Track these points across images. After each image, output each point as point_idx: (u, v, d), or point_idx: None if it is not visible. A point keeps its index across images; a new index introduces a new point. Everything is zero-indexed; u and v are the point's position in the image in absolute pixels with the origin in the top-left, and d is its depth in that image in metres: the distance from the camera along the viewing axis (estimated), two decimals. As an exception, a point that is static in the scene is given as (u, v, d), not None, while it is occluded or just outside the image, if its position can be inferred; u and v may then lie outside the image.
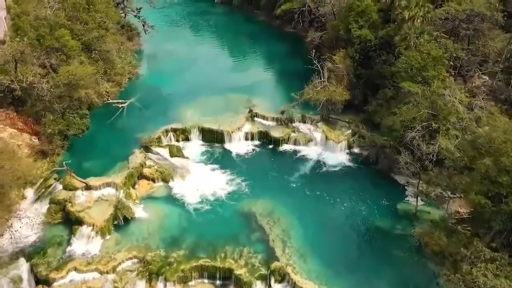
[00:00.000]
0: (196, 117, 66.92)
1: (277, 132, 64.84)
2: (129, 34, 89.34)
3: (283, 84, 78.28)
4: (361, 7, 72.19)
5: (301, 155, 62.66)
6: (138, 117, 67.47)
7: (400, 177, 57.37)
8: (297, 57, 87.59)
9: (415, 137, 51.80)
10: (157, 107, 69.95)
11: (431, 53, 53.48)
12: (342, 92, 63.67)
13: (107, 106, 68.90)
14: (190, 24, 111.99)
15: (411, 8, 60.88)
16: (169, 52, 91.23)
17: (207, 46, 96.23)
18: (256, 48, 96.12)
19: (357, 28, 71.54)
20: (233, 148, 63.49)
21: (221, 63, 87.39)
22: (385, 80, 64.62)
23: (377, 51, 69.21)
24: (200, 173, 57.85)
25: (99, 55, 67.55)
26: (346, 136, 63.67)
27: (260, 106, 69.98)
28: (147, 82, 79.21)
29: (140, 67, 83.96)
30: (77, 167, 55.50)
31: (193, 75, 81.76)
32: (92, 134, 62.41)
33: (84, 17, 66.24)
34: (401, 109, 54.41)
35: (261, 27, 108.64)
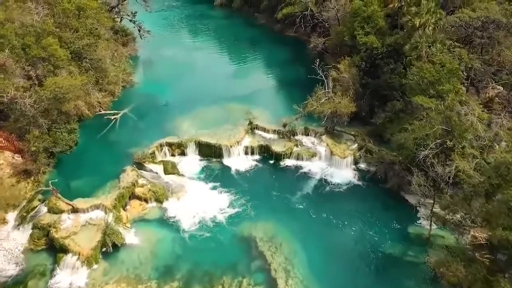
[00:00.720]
0: (193, 130, 62.47)
1: (278, 146, 60.37)
2: (124, 39, 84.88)
3: (285, 93, 73.87)
4: (367, 13, 67.75)
5: (305, 171, 58.21)
6: (132, 129, 63.06)
7: (411, 196, 52.98)
8: (299, 64, 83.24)
9: (428, 155, 47.47)
10: (152, 118, 65.60)
11: (446, 65, 48.91)
12: (348, 104, 59.13)
13: (99, 118, 64.45)
14: (188, 28, 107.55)
15: (422, 15, 56.37)
16: (166, 58, 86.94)
17: (206, 51, 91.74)
18: (257, 53, 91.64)
19: (363, 35, 67.11)
20: (232, 163, 59.04)
21: (220, 70, 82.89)
22: (393, 90, 60.26)
23: (385, 59, 64.69)
24: (197, 192, 53.42)
25: (90, 63, 63.01)
26: (352, 150, 59.20)
27: (260, 118, 65.52)
28: (142, 90, 74.77)
29: (135, 74, 79.52)
30: (64, 186, 51.14)
31: (191, 82, 77.45)
32: (81, 149, 57.96)
33: (74, 24, 61.68)
34: (413, 124, 49.82)
35: (261, 31, 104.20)
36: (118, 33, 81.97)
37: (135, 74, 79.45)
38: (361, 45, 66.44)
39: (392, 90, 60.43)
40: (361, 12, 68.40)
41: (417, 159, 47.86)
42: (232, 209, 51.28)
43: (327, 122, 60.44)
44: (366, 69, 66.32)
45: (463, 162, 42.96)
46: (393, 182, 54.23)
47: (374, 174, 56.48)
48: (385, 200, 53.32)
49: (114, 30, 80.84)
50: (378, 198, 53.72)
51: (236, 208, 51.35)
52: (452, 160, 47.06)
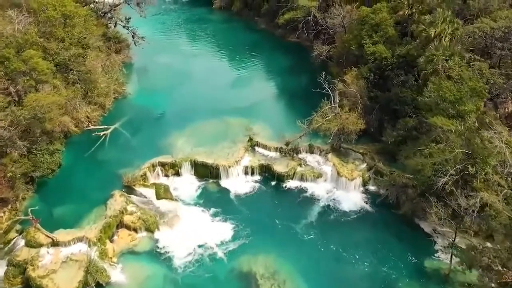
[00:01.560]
0: (188, 147, 57.25)
1: (281, 166, 55.10)
2: (117, 46, 79.43)
3: (287, 106, 68.56)
4: (375, 20, 62.36)
5: (309, 194, 52.98)
6: (122, 146, 57.92)
7: (426, 223, 47.93)
8: (302, 73, 77.88)
9: (447, 182, 42.26)
10: (145, 134, 60.45)
11: (467, 82, 43.55)
12: (356, 121, 53.88)
13: (87, 134, 59.29)
14: (186, 32, 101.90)
15: (437, 25, 50.98)
16: (162, 65, 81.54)
17: (204, 58, 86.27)
18: (257, 60, 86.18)
19: (370, 44, 61.88)
20: (230, 185, 53.83)
21: (219, 78, 77.41)
22: (405, 105, 55.09)
23: (395, 70, 59.51)
24: (191, 220, 48.27)
25: (77, 76, 57.63)
26: (361, 171, 53.86)
27: (261, 133, 60.24)
28: (136, 101, 69.55)
29: (128, 83, 74.25)
30: (46, 214, 46.17)
31: (187, 92, 72.16)
32: (66, 171, 52.72)
33: (60, 33, 56.25)
34: (429, 147, 44.56)
35: (262, 36, 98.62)
36: (110, 40, 76.45)
37: (128, 84, 74.15)
38: (369, 55, 61.25)
39: (404, 105, 55.23)
40: (369, 19, 63.16)
41: (435, 187, 42.57)
42: (230, 240, 46.13)
43: (333, 139, 55.04)
44: (374, 81, 61.14)
45: (489, 193, 37.64)
46: (406, 207, 48.95)
47: (385, 198, 51.15)
48: (398, 228, 48.11)
49: (106, 37, 75.28)
50: (390, 226, 48.51)
51: (234, 239, 46.22)
52: (474, 188, 41.96)
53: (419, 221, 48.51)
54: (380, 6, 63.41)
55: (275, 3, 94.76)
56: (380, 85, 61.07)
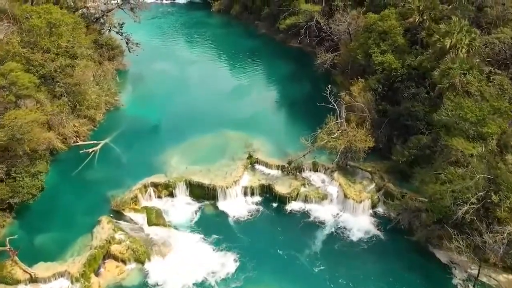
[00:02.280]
0: (183, 165, 52.79)
1: (283, 186, 50.64)
2: (111, 53, 74.81)
3: (290, 118, 64.13)
4: (383, 28, 57.85)
5: (314, 217, 48.53)
6: (112, 164, 53.46)
7: (441, 252, 43.45)
8: (305, 81, 73.66)
9: (468, 211, 37.83)
10: (137, 150, 55.93)
11: (492, 103, 39.00)
12: (364, 138, 49.35)
13: (75, 150, 54.74)
14: (183, 37, 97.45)
15: (453, 35, 46.38)
16: (158, 73, 77.09)
17: (202, 65, 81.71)
18: (258, 67, 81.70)
19: (378, 53, 57.48)
20: (228, 207, 49.42)
21: (217, 87, 72.89)
22: (417, 120, 50.55)
23: (405, 82, 55.10)
24: (185, 249, 43.79)
25: (64, 88, 53.09)
26: (369, 192, 49.33)
27: (261, 149, 55.86)
28: (129, 113, 65.02)
29: (121, 93, 69.72)
30: (26, 244, 41.76)
31: (184, 102, 67.68)
32: (51, 192, 48.30)
33: (45, 43, 51.67)
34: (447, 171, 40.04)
35: (262, 41, 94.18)
36: (103, 47, 71.83)
37: (122, 93, 69.66)
38: (377, 65, 56.79)
39: (415, 120, 50.79)
40: (377, 27, 58.62)
41: (455, 217, 38.12)
42: (228, 272, 41.66)
43: (340, 158, 50.55)
44: (383, 94, 56.71)
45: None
46: (420, 234, 44.48)
47: (396, 223, 46.57)
48: (411, 258, 43.68)
49: (98, 44, 70.73)
50: (402, 255, 44.05)
51: (232, 271, 41.73)
52: (498, 218, 37.51)
53: (434, 249, 44.13)
54: (388, 12, 58.93)
55: (276, 7, 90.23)
56: (389, 98, 56.68)
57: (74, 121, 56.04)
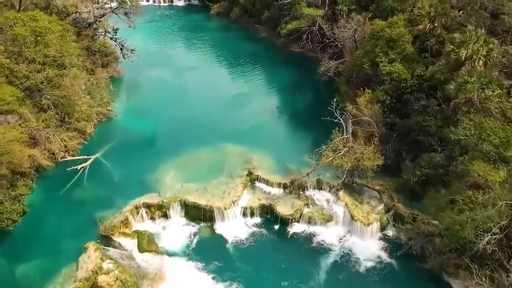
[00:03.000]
0: (178, 183, 49.03)
1: (285, 207, 46.86)
2: (104, 60, 70.88)
3: (292, 130, 60.35)
4: (391, 35, 53.97)
5: (319, 241, 44.78)
6: (102, 182, 49.63)
7: (457, 282, 39.65)
8: (308, 90, 69.92)
9: (489, 242, 34.00)
10: (129, 166, 52.08)
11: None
12: (373, 156, 45.44)
13: (63, 166, 50.90)
14: (181, 42, 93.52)
15: (469, 45, 42.47)
16: (154, 81, 73.31)
17: (200, 71, 77.85)
18: (258, 74, 77.93)
19: (386, 62, 53.61)
20: (226, 230, 45.65)
21: (216, 96, 69.06)
22: (429, 136, 46.69)
23: (415, 93, 51.33)
24: (179, 278, 39.91)
25: (52, 100, 49.25)
26: (378, 214, 45.48)
27: (262, 165, 52.17)
28: (122, 124, 61.18)
29: (115, 102, 65.83)
30: (5, 276, 38.11)
31: (180, 112, 63.94)
32: (35, 215, 44.61)
33: (31, 53, 47.79)
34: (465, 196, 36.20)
35: (263, 46, 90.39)
36: (96, 54, 67.90)
37: (115, 103, 65.82)
38: (384, 75, 52.89)
39: (427, 134, 46.94)
40: (384, 34, 54.74)
41: (475, 248, 34.31)
42: (226, 308, 37.64)
43: (346, 176, 46.72)
44: (391, 105, 52.83)
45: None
46: (433, 262, 40.67)
47: (408, 248, 42.71)
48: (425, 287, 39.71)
49: (90, 51, 66.86)
50: (414, 284, 40.29)
51: (231, 307, 37.74)
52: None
53: (449, 279, 40.31)
54: (396, 19, 55.05)
55: (276, 10, 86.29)
56: (397, 110, 52.94)
57: (62, 135, 52.17)
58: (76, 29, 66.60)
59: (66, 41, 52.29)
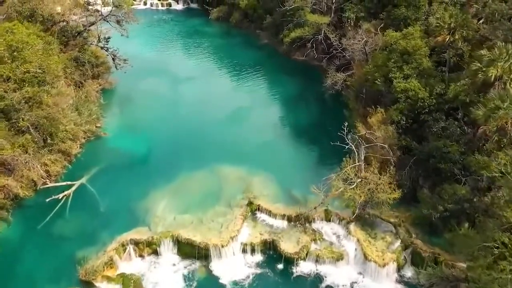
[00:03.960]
0: (171, 214, 43.87)
1: (289, 243, 41.52)
2: (95, 71, 65.29)
3: (297, 151, 54.77)
4: (407, 48, 48.41)
5: (328, 284, 39.38)
6: (87, 213, 44.34)
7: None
8: (314, 104, 64.95)
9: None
10: (118, 193, 46.76)
11: None
12: (388, 189, 39.87)
13: (45, 194, 45.46)
14: (178, 49, 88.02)
15: (498, 64, 36.91)
16: (148, 93, 68.01)
17: (198, 82, 72.44)
18: (260, 85, 72.67)
19: (401, 78, 47.96)
20: (224, 270, 40.33)
21: (214, 111, 63.40)
22: (451, 163, 41.20)
23: (433, 114, 45.83)
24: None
25: (31, 122, 43.77)
26: (394, 252, 39.96)
27: (263, 192, 46.96)
28: (111, 144, 55.76)
29: (105, 118, 60.42)
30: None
31: (175, 130, 58.63)
32: (8, 252, 39.49)
33: (5, 70, 42.36)
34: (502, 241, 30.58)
35: (264, 53, 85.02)
36: (85, 65, 62.33)
37: (106, 118, 60.47)
38: (399, 93, 47.33)
39: (449, 162, 41.39)
40: (398, 47, 49.12)
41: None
42: None
43: (358, 208, 41.22)
44: (406, 126, 47.33)
45: None
46: (459, 312, 35.04)
47: (429, 294, 37.23)
48: None
49: (79, 62, 61.33)
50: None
51: None
52: None
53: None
54: (412, 30, 49.49)
55: (279, 16, 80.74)
56: (413, 132, 47.57)
57: (44, 158, 46.84)
58: (65, 39, 61.38)
59: (49, 54, 46.63)
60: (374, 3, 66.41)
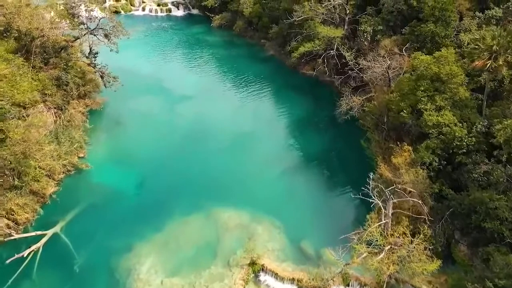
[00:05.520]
0: (157, 277, 36.58)
1: (300, 317, 33.28)
2: (81, 90, 57.37)
3: (309, 191, 46.48)
4: (440, 74, 40.17)
5: None
6: (58, 274, 36.78)
7: None
8: (326, 129, 57.46)
9: None
10: (97, 245, 39.22)
11: None
12: (424, 254, 31.74)
13: (10, 246, 37.65)
14: (177, 61, 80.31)
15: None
16: (141, 114, 60.79)
17: (197, 101, 64.72)
18: (266, 105, 65.13)
19: (432, 111, 39.73)
20: None
21: (213, 137, 55.54)
22: (496, 220, 33.12)
23: (472, 155, 37.64)
24: None
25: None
26: (429, 333, 31.86)
27: (269, 246, 39.38)
28: (94, 179, 48.09)
29: (90, 145, 52.56)
30: None
31: (168, 161, 51.24)
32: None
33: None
34: None
35: (270, 66, 77.22)
36: (68, 85, 54.37)
37: (90, 145, 52.63)
38: (430, 128, 39.12)
39: (495, 220, 33.24)
40: (430, 73, 40.89)
41: None
42: None
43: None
44: (438, 168, 39.20)
45: None
46: None
47: None
48: None
49: (62, 82, 53.47)
50: None
51: None
52: None
53: None
54: (446, 53, 41.17)
55: (286, 27, 72.61)
56: (447, 174, 39.42)
57: (11, 203, 39.09)
58: (46, 55, 53.56)
59: (15, 82, 38.74)
60: (394, 15, 58.21)
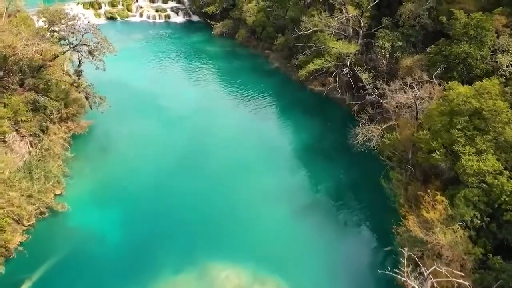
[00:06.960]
0: None
1: None
2: (63, 113, 50.27)
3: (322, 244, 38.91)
4: (481, 111, 32.71)
5: None
6: None
7: None
8: (339, 160, 49.79)
9: None
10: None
11: None
12: None
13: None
14: (174, 75, 73.11)
15: None
16: (130, 140, 53.43)
17: (194, 123, 57.53)
18: (272, 126, 58.52)
19: (473, 155, 32.26)
20: None
21: (211, 170, 48.09)
22: None
23: (524, 212, 30.01)
24: None
25: None
26: None
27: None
28: (71, 223, 41.03)
29: (70, 179, 45.41)
30: None
31: (159, 201, 43.90)
32: None
33: None
34: None
35: (276, 81, 70.21)
36: (47, 108, 47.22)
37: (70, 179, 45.50)
38: (470, 176, 31.64)
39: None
40: (468, 107, 33.43)
41: None
42: None
43: None
44: (481, 228, 31.77)
45: None
46: None
47: None
48: None
49: (38, 106, 46.33)
50: None
51: None
52: None
53: None
54: (488, 84, 33.61)
55: (293, 39, 65.23)
56: (491, 233, 31.89)
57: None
58: (21, 76, 46.45)
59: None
60: (416, 29, 50.77)
